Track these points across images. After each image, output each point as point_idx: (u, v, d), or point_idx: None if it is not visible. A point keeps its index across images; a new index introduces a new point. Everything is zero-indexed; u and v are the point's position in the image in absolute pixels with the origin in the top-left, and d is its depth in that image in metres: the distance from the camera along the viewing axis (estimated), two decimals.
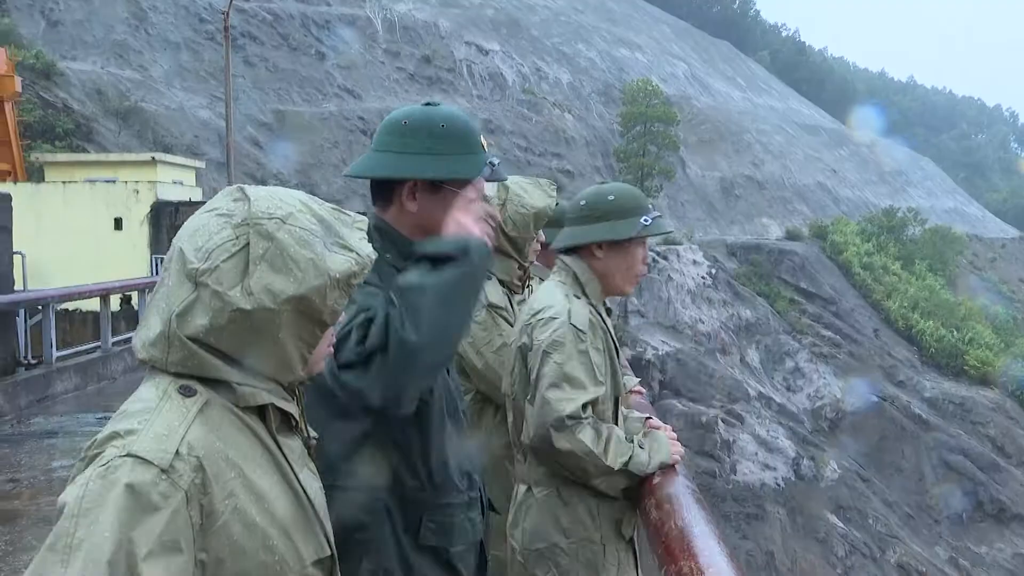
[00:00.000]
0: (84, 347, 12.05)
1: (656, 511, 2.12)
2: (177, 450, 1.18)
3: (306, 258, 1.27)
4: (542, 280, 3.04)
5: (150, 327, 1.28)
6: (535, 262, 3.31)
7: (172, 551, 1.14)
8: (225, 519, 1.21)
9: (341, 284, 1.31)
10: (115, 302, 14.91)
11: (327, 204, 1.38)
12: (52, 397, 9.92)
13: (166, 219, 19.84)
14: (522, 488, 2.57)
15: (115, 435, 1.19)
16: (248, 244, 1.26)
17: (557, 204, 3.19)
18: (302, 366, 1.34)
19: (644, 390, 3.43)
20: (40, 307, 10.69)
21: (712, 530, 1.89)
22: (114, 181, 20.41)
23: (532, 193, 3.01)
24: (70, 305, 15.23)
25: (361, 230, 1.39)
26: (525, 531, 2.50)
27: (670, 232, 2.96)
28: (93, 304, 12.91)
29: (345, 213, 1.40)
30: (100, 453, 1.18)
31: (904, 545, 26.27)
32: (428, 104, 1.99)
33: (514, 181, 2.99)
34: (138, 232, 19.89)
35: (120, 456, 1.15)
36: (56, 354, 10.55)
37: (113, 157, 23.43)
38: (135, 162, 21.83)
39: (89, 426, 8.66)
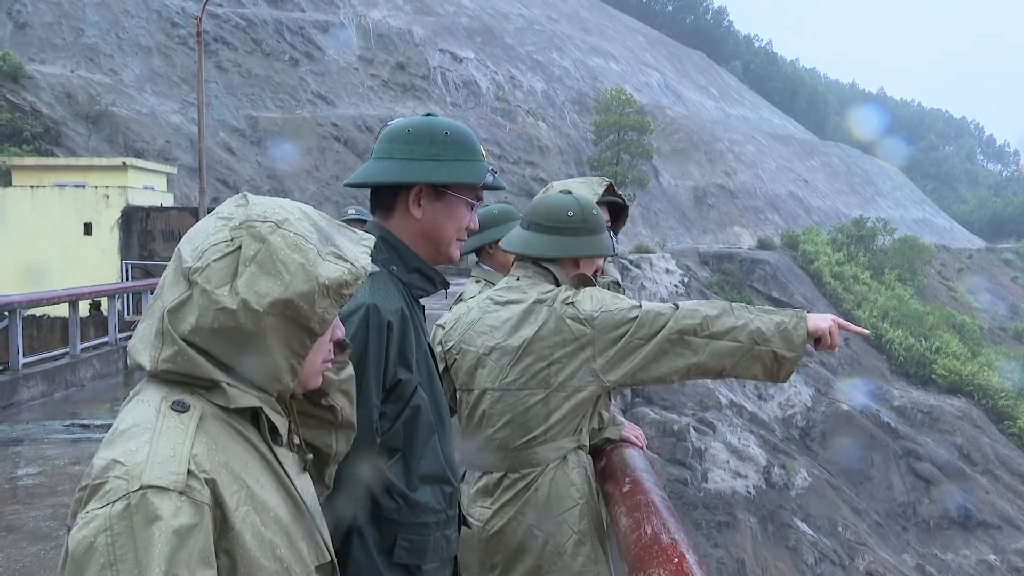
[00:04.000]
0: (52, 353, 11.91)
1: (626, 518, 2.13)
2: (188, 469, 1.16)
3: (296, 262, 1.27)
4: (488, 283, 3.05)
5: (146, 325, 1.29)
6: (483, 265, 3.33)
7: (207, 566, 1.13)
8: (237, 529, 1.20)
9: (331, 292, 1.30)
10: (84, 308, 14.76)
11: (335, 220, 1.39)
12: (18, 404, 9.79)
13: (137, 224, 19.66)
14: None
15: (115, 463, 1.15)
16: (241, 246, 1.27)
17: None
18: (291, 377, 1.32)
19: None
20: (7, 312, 10.56)
21: (682, 537, 1.90)
22: (84, 186, 20.19)
23: (578, 190, 2.89)
24: (38, 311, 15.08)
25: (366, 247, 1.39)
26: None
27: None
28: (62, 310, 12.77)
29: (352, 230, 1.40)
30: (102, 484, 1.14)
31: (872, 552, 26.45)
32: (428, 115, 2.01)
33: (560, 183, 2.97)
34: (108, 237, 19.69)
35: (134, 491, 1.12)
36: (23, 360, 10.42)
37: (83, 161, 23.17)
38: (105, 167, 21.56)
39: (56, 433, 8.55)
